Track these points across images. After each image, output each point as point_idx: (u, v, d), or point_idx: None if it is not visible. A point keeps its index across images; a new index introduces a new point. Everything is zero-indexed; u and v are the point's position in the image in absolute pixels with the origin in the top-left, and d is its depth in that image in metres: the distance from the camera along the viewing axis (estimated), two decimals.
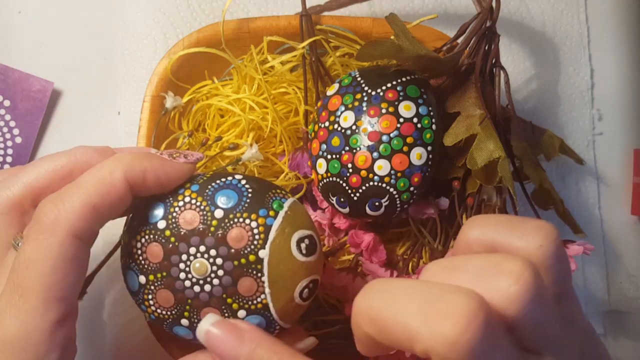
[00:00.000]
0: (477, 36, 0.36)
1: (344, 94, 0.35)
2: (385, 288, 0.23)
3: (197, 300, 0.28)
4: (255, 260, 0.28)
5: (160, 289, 0.29)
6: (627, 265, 0.48)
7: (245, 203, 0.29)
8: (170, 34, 0.44)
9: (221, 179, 0.30)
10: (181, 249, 0.28)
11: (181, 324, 0.29)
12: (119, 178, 0.27)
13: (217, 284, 0.28)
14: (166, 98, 0.38)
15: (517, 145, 0.36)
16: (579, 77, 0.48)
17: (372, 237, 0.37)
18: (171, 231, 0.28)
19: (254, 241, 0.28)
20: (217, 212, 0.28)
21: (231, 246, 0.28)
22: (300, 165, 0.38)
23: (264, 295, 0.28)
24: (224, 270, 0.28)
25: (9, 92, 0.43)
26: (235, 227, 0.28)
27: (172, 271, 0.28)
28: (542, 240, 0.24)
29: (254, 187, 0.30)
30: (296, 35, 0.39)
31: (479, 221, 0.26)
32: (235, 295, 0.28)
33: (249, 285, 0.28)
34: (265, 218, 0.28)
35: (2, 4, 0.44)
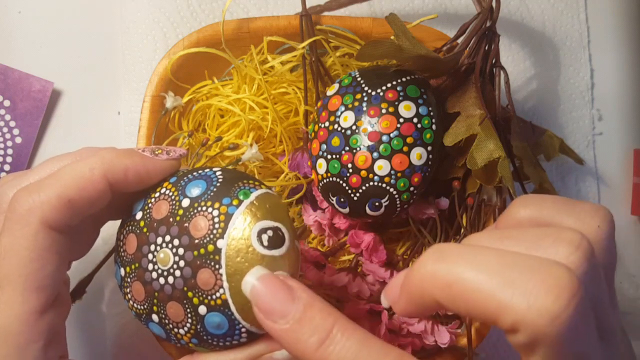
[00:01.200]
0: (477, 36, 0.36)
1: (344, 94, 0.35)
2: (468, 253, 0.22)
3: (162, 293, 0.27)
4: (213, 251, 0.26)
5: (134, 282, 0.28)
6: (627, 266, 0.48)
7: (212, 192, 0.27)
8: (170, 34, 0.44)
9: (199, 171, 0.29)
10: (150, 239, 0.28)
11: (153, 320, 0.28)
12: (98, 175, 0.27)
13: (178, 275, 0.27)
14: (166, 98, 0.38)
15: (517, 145, 0.36)
16: (579, 77, 0.48)
17: (372, 237, 0.37)
18: (145, 221, 0.28)
19: (214, 230, 0.27)
20: (185, 202, 0.27)
21: (192, 235, 0.27)
22: (300, 165, 0.38)
23: (222, 289, 0.26)
24: (185, 261, 0.27)
25: (9, 92, 0.43)
26: (199, 215, 0.27)
27: (142, 262, 0.28)
28: (600, 221, 0.24)
29: (226, 177, 0.28)
30: (296, 35, 0.39)
31: (533, 199, 0.25)
32: (195, 289, 0.27)
33: (207, 278, 0.26)
34: (227, 207, 0.27)
35: (2, 4, 0.44)
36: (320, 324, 0.24)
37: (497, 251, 0.22)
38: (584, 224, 0.24)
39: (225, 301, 0.26)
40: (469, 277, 0.21)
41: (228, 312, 0.27)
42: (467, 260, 0.22)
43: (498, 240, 0.23)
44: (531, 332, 0.20)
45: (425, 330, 0.35)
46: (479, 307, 0.21)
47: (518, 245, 0.22)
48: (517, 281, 0.20)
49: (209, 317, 0.27)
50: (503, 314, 0.20)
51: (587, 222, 0.24)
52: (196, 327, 0.27)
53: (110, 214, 0.32)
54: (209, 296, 0.27)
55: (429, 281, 0.22)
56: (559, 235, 0.22)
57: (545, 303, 0.20)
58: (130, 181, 0.28)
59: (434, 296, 0.22)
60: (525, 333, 0.20)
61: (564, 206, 0.25)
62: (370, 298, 0.37)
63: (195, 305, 0.27)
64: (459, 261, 0.22)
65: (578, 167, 0.47)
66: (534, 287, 0.20)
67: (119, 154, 0.28)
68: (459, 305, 0.22)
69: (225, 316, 0.27)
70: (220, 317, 0.27)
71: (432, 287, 0.22)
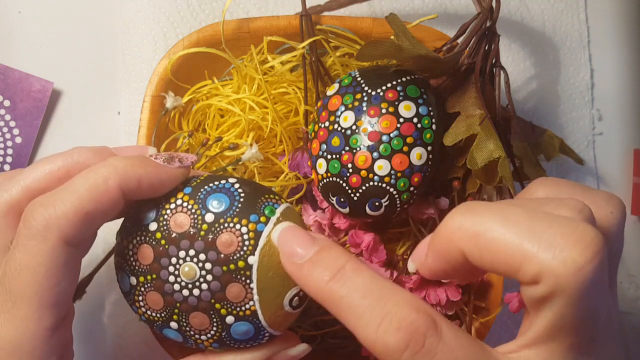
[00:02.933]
0: (477, 36, 0.36)
1: (344, 94, 0.35)
2: (496, 207, 0.23)
3: (185, 304, 0.28)
4: (244, 267, 0.28)
5: (150, 291, 0.29)
6: (627, 265, 0.48)
7: (237, 208, 0.28)
8: (170, 34, 0.44)
9: (214, 182, 0.29)
10: (171, 252, 0.28)
11: (170, 327, 0.29)
12: (113, 186, 0.27)
13: (205, 288, 0.28)
14: (166, 98, 0.38)
15: (517, 145, 0.37)
16: (579, 77, 0.48)
17: (372, 237, 0.37)
18: (162, 234, 0.28)
19: (244, 247, 0.28)
20: (208, 216, 0.28)
21: (220, 251, 0.28)
22: (300, 165, 0.38)
23: (252, 302, 0.28)
24: (213, 275, 0.28)
25: (9, 92, 0.43)
26: (226, 232, 0.28)
27: (161, 274, 0.28)
28: (614, 208, 0.24)
29: (247, 191, 0.29)
30: (296, 35, 0.39)
31: (552, 181, 0.26)
32: (223, 301, 0.28)
33: (237, 292, 0.28)
34: (256, 224, 0.28)
35: (2, 4, 0.44)
36: (333, 261, 0.25)
37: (525, 208, 0.23)
38: (598, 207, 0.24)
39: (254, 312, 0.28)
40: (496, 228, 0.22)
41: (256, 321, 0.28)
42: (495, 212, 0.22)
43: (503, 204, 0.23)
44: (553, 282, 0.21)
45: None
46: (504, 257, 0.22)
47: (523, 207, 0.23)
48: (544, 233, 0.21)
49: (236, 326, 0.28)
50: (527, 263, 0.21)
51: (601, 206, 0.24)
52: (221, 334, 0.29)
53: None
54: (238, 308, 0.28)
55: (456, 232, 0.23)
56: (561, 201, 0.23)
57: (571, 254, 0.20)
58: (143, 190, 0.28)
59: (461, 248, 0.23)
60: (546, 284, 0.21)
61: (580, 190, 0.25)
62: None
63: (223, 316, 0.28)
64: (486, 213, 0.23)
65: (578, 167, 0.47)
66: (561, 239, 0.21)
67: (132, 163, 0.28)
68: (484, 256, 0.22)
69: (252, 325, 0.28)
70: (247, 326, 0.28)
71: (460, 238, 0.23)
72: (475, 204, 0.23)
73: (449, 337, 0.22)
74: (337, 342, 0.39)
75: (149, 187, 0.28)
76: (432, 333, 0.22)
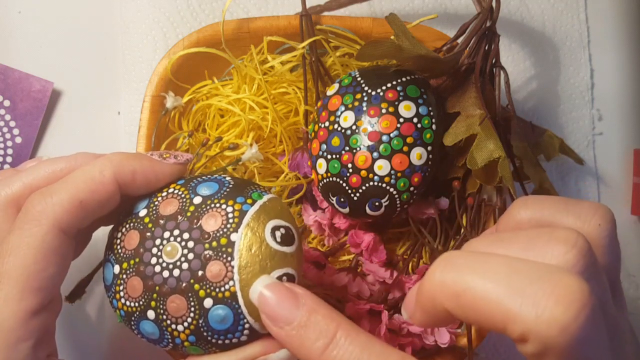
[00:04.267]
0: (477, 36, 0.36)
1: (344, 94, 0.35)
2: (475, 261, 0.22)
3: (164, 287, 0.27)
4: (226, 244, 0.27)
5: (132, 277, 0.28)
6: (627, 265, 0.48)
7: (225, 191, 0.28)
8: (170, 34, 0.44)
9: (208, 175, 0.30)
10: (156, 234, 0.28)
11: (147, 317, 0.28)
12: (109, 177, 0.27)
13: (186, 268, 0.27)
14: (166, 98, 0.38)
15: (517, 145, 0.36)
16: (579, 77, 0.48)
17: (372, 237, 0.37)
18: (150, 217, 0.28)
19: (228, 224, 0.27)
20: (196, 199, 0.28)
21: (204, 229, 0.27)
22: (300, 165, 0.38)
23: (232, 282, 0.27)
24: (194, 254, 0.27)
25: (9, 92, 0.43)
26: (211, 211, 0.28)
27: (144, 257, 0.28)
28: (601, 220, 0.24)
29: (237, 181, 0.29)
30: (296, 35, 0.39)
31: (533, 201, 0.25)
32: (203, 281, 0.27)
33: (217, 270, 0.27)
34: (242, 204, 0.28)
35: (2, 4, 0.44)
36: (324, 328, 0.25)
37: (505, 258, 0.22)
38: (584, 223, 0.24)
39: (234, 294, 0.27)
40: (476, 286, 0.21)
41: (235, 304, 0.27)
42: (474, 268, 0.22)
43: (493, 243, 0.23)
44: (540, 342, 0.20)
45: (425, 330, 0.35)
46: (488, 316, 0.21)
47: (511, 247, 0.22)
48: (526, 290, 0.20)
49: (214, 310, 0.27)
50: (511, 323, 0.20)
51: (587, 220, 0.24)
52: (198, 321, 0.27)
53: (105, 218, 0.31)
54: (217, 288, 0.27)
55: (438, 291, 0.22)
56: (552, 234, 0.22)
57: (554, 313, 0.19)
58: (138, 184, 0.29)
59: (444, 306, 0.22)
60: (534, 343, 0.20)
61: (563, 206, 0.25)
62: (370, 298, 0.37)
63: (201, 298, 0.27)
64: (466, 270, 0.22)
65: (578, 167, 0.47)
66: (543, 296, 0.20)
67: (127, 156, 0.29)
68: (468, 314, 0.22)
69: (231, 309, 0.27)
70: (226, 310, 0.27)
71: (442, 296, 0.22)
72: (455, 257, 0.23)
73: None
74: None
75: (143, 180, 0.29)
76: None
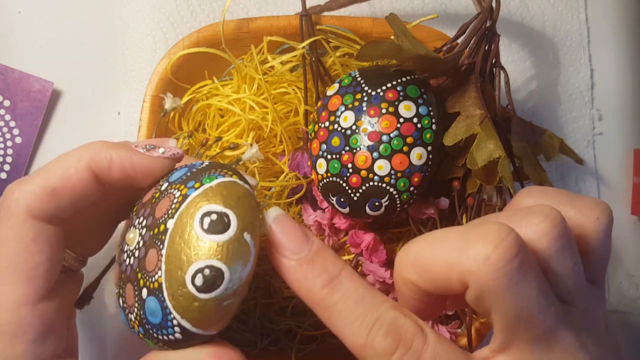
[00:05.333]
0: (477, 36, 0.36)
1: (344, 94, 0.35)
2: (423, 236, 0.25)
3: (125, 275, 0.26)
4: (163, 231, 0.25)
5: (116, 264, 0.28)
6: (627, 265, 0.48)
7: (185, 176, 0.26)
8: (170, 34, 0.44)
9: (192, 163, 0.28)
10: (133, 221, 0.27)
11: (120, 304, 0.27)
12: (83, 164, 0.27)
13: (137, 255, 0.26)
14: (165, 99, 0.38)
15: (517, 145, 0.36)
16: (579, 77, 0.48)
17: (372, 237, 0.37)
18: (136, 206, 0.28)
19: (169, 210, 0.25)
20: (164, 186, 0.27)
21: (155, 215, 0.26)
22: (300, 165, 0.38)
23: (160, 272, 0.24)
24: (143, 241, 0.26)
25: (9, 92, 0.43)
26: (165, 197, 0.26)
27: (122, 244, 0.27)
28: (600, 214, 0.25)
29: (207, 165, 0.27)
30: (296, 35, 0.39)
31: (538, 190, 0.27)
32: (143, 270, 0.25)
33: (151, 258, 0.25)
34: (189, 189, 0.25)
35: (2, 4, 0.44)
36: (329, 266, 0.25)
37: (450, 228, 0.24)
38: (583, 215, 0.25)
39: (160, 285, 0.24)
40: (424, 251, 0.24)
41: (161, 297, 0.24)
42: (427, 237, 0.24)
43: (478, 222, 0.24)
44: (473, 281, 0.22)
45: None
46: (437, 274, 0.23)
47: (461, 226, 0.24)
48: (460, 241, 0.23)
49: (148, 302, 0.25)
50: (453, 272, 0.22)
51: (587, 213, 0.25)
52: (140, 312, 0.25)
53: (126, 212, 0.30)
54: (150, 278, 0.25)
55: (401, 266, 0.25)
56: (529, 209, 0.24)
57: (484, 251, 0.22)
58: (114, 173, 0.27)
59: (411, 281, 0.24)
60: (473, 286, 0.22)
61: (566, 198, 0.26)
62: None
63: (141, 287, 0.25)
64: (418, 240, 0.24)
65: (578, 167, 0.47)
66: (476, 242, 0.22)
67: (107, 145, 0.28)
68: (425, 279, 0.24)
69: (159, 301, 0.24)
70: (155, 303, 0.24)
71: (404, 270, 0.25)
72: (409, 241, 0.25)
73: (434, 341, 0.23)
74: (337, 342, 0.39)
75: (120, 171, 0.27)
76: (419, 336, 0.23)
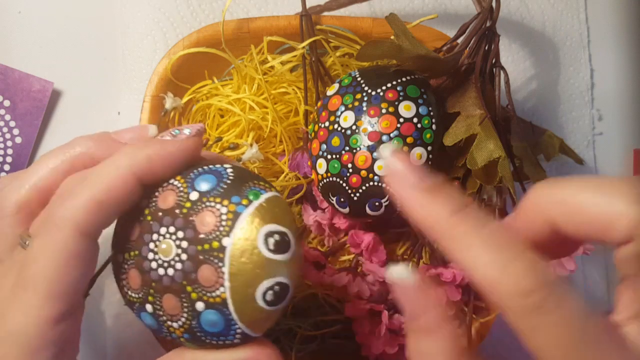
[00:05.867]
0: (477, 36, 0.36)
1: (344, 94, 0.35)
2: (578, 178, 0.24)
3: (159, 284, 0.27)
4: (218, 248, 0.26)
5: (132, 269, 0.28)
6: None
7: (221, 188, 0.27)
8: (170, 34, 0.44)
9: (209, 165, 0.28)
10: (154, 228, 0.27)
11: (146, 310, 0.28)
12: (125, 171, 0.27)
13: (179, 268, 0.26)
14: (165, 99, 0.38)
15: (517, 145, 0.36)
16: (579, 77, 0.48)
17: (372, 237, 0.37)
18: (149, 209, 0.28)
19: (220, 227, 0.26)
20: (193, 195, 0.27)
21: (198, 230, 0.26)
22: (300, 165, 0.38)
23: (223, 288, 0.26)
24: (187, 255, 0.26)
25: (9, 92, 0.43)
26: (206, 210, 0.26)
27: (142, 250, 0.27)
28: None
29: (237, 174, 0.28)
30: (296, 35, 0.39)
31: None
32: (195, 284, 0.26)
33: (208, 275, 0.26)
34: (236, 205, 0.26)
35: (2, 4, 0.44)
36: (457, 196, 0.24)
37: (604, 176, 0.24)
38: None
39: (224, 300, 0.26)
40: (582, 192, 0.23)
41: (226, 311, 0.26)
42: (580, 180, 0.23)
43: None
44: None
45: None
46: (593, 218, 0.22)
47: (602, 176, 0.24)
48: (631, 192, 0.21)
49: (205, 314, 0.26)
50: (618, 221, 0.21)
51: None
52: (191, 322, 0.27)
53: None
54: (208, 293, 0.26)
55: (543, 201, 0.24)
56: None
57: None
58: (156, 170, 0.27)
59: (548, 216, 0.23)
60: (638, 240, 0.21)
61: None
62: (370, 298, 0.37)
63: (194, 300, 0.26)
64: (570, 181, 0.23)
65: (578, 167, 0.47)
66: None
67: (139, 146, 0.28)
68: (573, 220, 0.23)
69: (222, 315, 0.26)
70: (216, 316, 0.26)
71: (547, 206, 0.23)
72: (563, 179, 0.24)
73: (574, 292, 0.22)
74: (337, 342, 0.39)
75: (160, 166, 0.28)
76: (560, 283, 0.22)
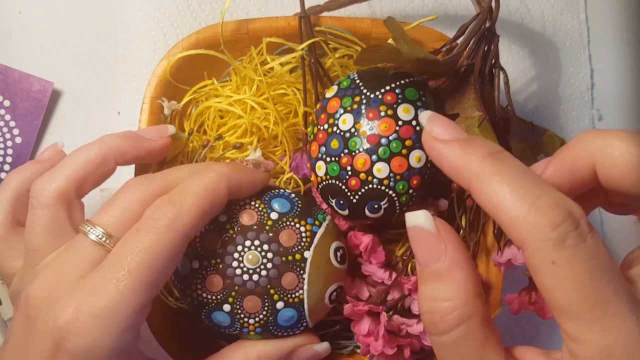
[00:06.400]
0: (477, 37, 0.36)
1: (343, 97, 0.35)
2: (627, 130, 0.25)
3: (243, 288, 0.33)
4: (300, 259, 0.33)
5: (211, 274, 0.33)
6: None
7: (296, 211, 0.35)
8: (170, 34, 0.44)
9: (274, 190, 0.36)
10: (238, 240, 0.33)
11: (222, 309, 0.33)
12: (223, 188, 0.32)
13: (264, 275, 0.33)
14: (163, 106, 0.38)
15: (516, 147, 0.37)
16: (579, 77, 0.48)
17: (370, 238, 0.37)
18: (231, 224, 0.34)
19: (301, 243, 0.34)
20: (273, 215, 0.34)
21: (282, 244, 0.33)
22: (300, 167, 0.38)
23: (302, 290, 0.33)
24: (273, 264, 0.33)
25: (9, 92, 0.43)
26: (287, 229, 0.34)
27: (226, 259, 0.33)
28: None
29: (302, 200, 0.36)
30: (295, 36, 0.39)
31: None
32: (278, 287, 0.33)
33: (291, 280, 0.33)
34: (312, 225, 0.35)
35: (2, 4, 0.44)
36: (489, 144, 0.25)
37: None
38: None
39: (302, 300, 0.34)
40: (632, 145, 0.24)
41: (301, 308, 0.34)
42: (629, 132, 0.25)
43: None
44: None
45: (424, 331, 0.36)
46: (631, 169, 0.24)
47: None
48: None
49: (283, 312, 0.34)
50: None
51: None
52: (268, 318, 0.33)
53: None
54: (289, 295, 0.33)
55: (591, 145, 0.25)
56: None
57: None
58: (243, 191, 0.34)
59: (593, 160, 0.25)
60: None
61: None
62: (369, 299, 0.37)
63: (275, 301, 0.33)
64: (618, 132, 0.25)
65: None
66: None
67: (233, 169, 0.33)
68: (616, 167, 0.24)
69: (297, 312, 0.34)
70: (293, 312, 0.34)
71: (594, 150, 0.25)
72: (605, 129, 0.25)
73: (595, 232, 0.23)
74: (337, 342, 0.40)
75: (247, 190, 0.34)
76: (585, 220, 0.23)
